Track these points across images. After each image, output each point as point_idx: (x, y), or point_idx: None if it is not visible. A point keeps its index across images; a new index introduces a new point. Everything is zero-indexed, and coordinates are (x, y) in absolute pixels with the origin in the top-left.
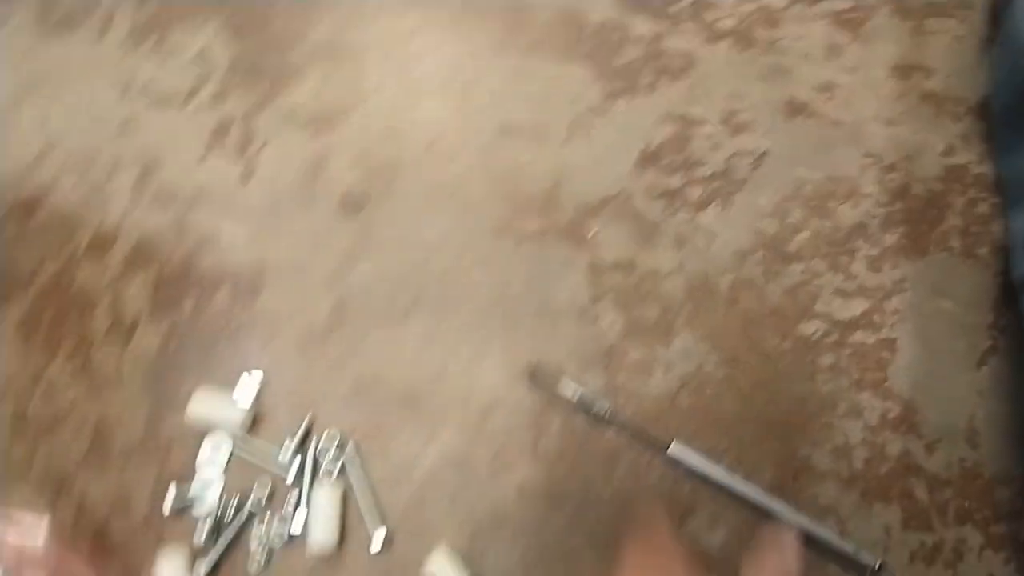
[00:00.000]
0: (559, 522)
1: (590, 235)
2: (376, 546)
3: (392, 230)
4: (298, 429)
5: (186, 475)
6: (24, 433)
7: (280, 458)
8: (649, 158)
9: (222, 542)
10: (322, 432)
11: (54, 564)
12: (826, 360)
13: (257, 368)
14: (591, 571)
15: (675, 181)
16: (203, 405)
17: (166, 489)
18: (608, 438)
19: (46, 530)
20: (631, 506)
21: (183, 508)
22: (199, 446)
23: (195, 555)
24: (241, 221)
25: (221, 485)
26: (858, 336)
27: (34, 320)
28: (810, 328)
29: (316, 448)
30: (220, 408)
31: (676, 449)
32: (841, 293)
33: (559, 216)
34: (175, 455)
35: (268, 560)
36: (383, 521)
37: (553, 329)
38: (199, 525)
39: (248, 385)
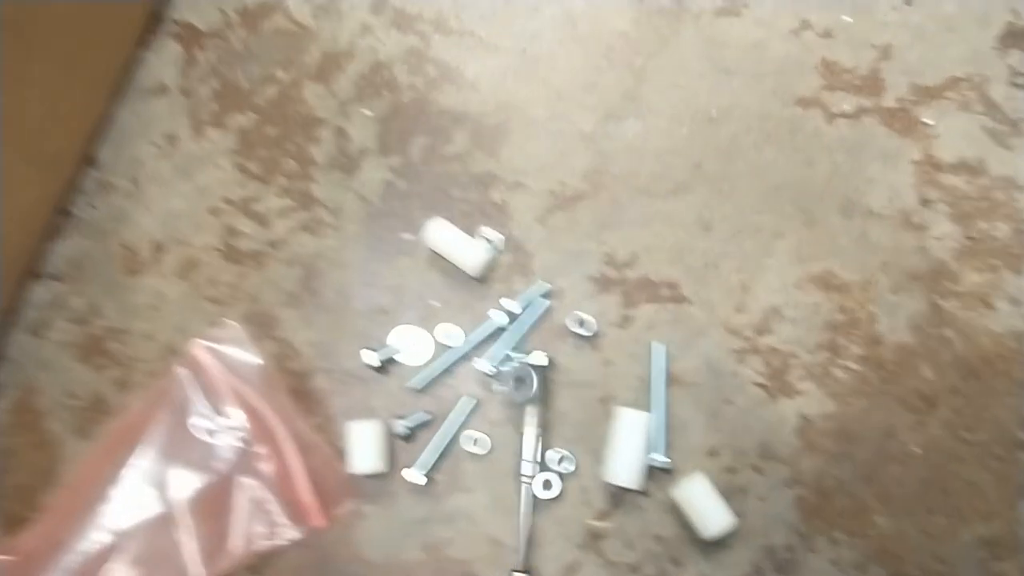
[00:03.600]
0: (846, 471)
1: (925, 124)
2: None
3: (669, 87)
4: (527, 293)
5: (394, 325)
6: (233, 259)
7: (502, 308)
8: (1018, 35)
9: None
10: (567, 313)
11: (261, 394)
12: None
13: (492, 227)
14: (879, 538)
15: None
16: (443, 234)
17: (375, 340)
18: (925, 376)
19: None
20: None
21: (387, 361)
22: (415, 299)
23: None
24: (490, 55)
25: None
26: None
27: (254, 138)
28: None
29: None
30: (459, 244)
31: None
32: None
33: (884, 96)
34: (391, 305)
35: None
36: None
37: (860, 231)
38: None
39: (487, 241)
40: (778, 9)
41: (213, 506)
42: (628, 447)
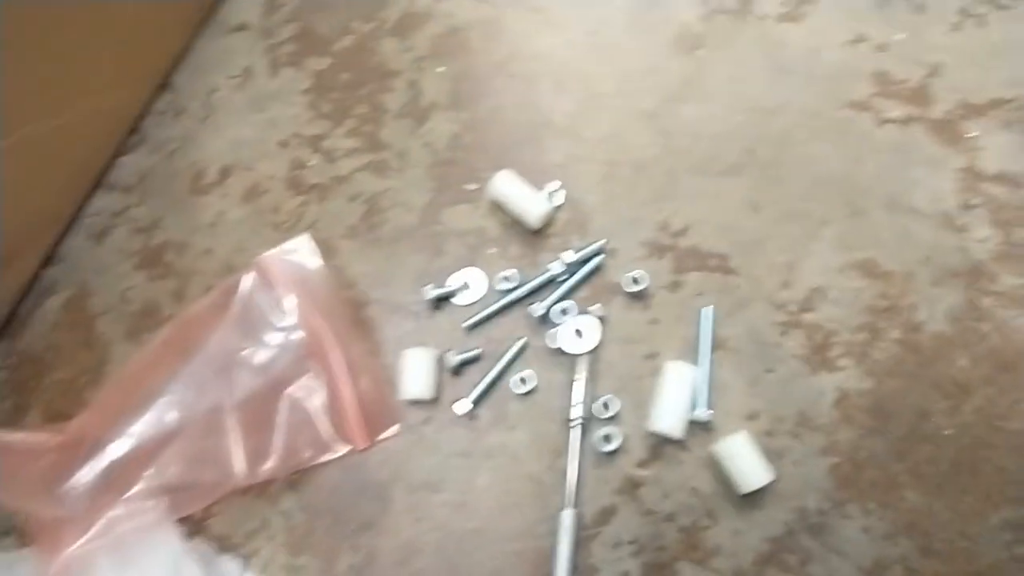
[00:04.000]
0: (880, 446)
1: (968, 136)
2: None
3: (728, 79)
4: (585, 248)
5: (452, 270)
6: (297, 189)
7: (560, 262)
8: None
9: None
10: (619, 272)
11: (322, 310)
12: None
13: (556, 182)
14: (909, 512)
15: None
16: (509, 185)
17: (430, 279)
18: (960, 364)
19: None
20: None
21: (445, 297)
22: (472, 244)
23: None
24: (560, 32)
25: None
26: None
27: (328, 81)
28: None
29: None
30: (524, 194)
31: None
32: None
33: (931, 108)
34: (449, 247)
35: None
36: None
37: (904, 227)
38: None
39: (550, 193)
40: (836, 21)
41: (261, 414)
42: (675, 397)
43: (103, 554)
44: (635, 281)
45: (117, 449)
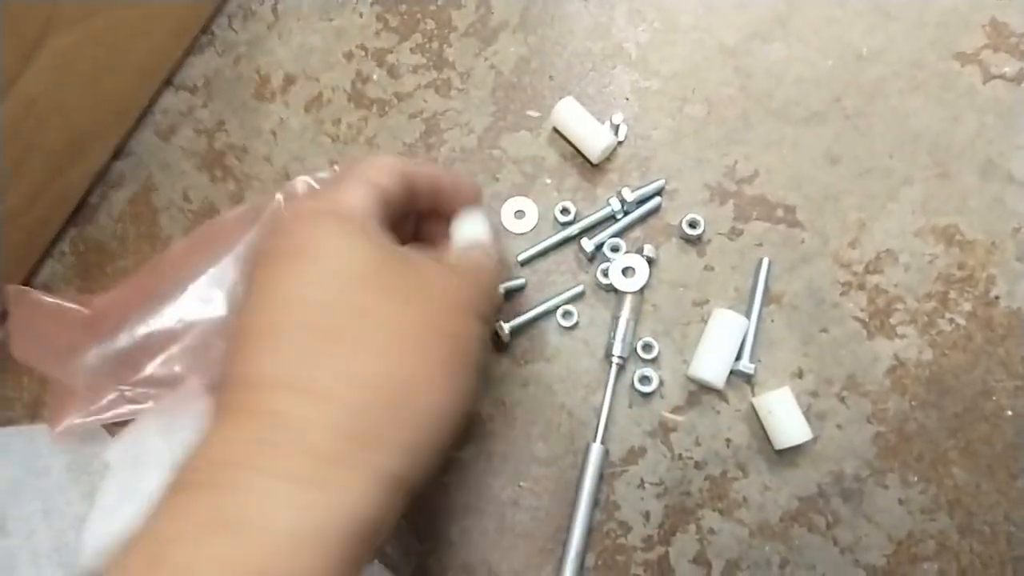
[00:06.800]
0: (931, 420)
1: None
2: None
3: (823, 19)
4: (644, 187)
5: (506, 197)
6: (358, 102)
7: (618, 199)
8: None
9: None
10: (677, 213)
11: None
12: None
13: (621, 114)
14: (954, 489)
15: None
16: (573, 113)
17: (484, 204)
18: None
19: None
20: None
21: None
22: (529, 173)
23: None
24: None
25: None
26: None
27: None
28: None
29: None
30: (587, 125)
31: None
32: None
33: None
34: (505, 174)
35: (574, 325)
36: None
37: (996, 195)
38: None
39: (614, 125)
40: None
41: None
42: (720, 345)
43: (151, 418)
44: (691, 226)
45: (136, 332)
